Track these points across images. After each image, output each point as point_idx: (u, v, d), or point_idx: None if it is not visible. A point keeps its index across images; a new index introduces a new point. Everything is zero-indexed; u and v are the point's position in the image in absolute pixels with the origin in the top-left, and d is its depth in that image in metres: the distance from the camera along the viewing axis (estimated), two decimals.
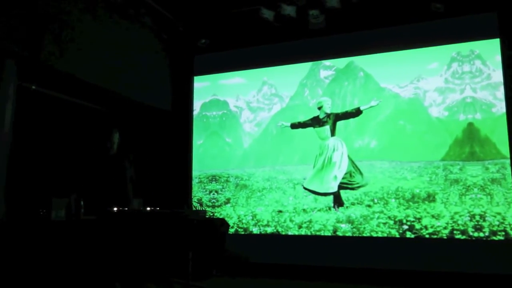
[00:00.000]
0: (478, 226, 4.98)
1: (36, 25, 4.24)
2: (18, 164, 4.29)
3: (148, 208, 4.43)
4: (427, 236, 5.15)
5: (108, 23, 5.26)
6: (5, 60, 4.13)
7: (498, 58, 5.19)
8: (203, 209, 6.16)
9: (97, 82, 5.13)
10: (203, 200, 6.40)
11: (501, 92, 5.14)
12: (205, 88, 6.69)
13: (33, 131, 4.80)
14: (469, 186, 5.12)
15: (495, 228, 4.91)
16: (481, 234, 4.95)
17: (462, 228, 5.03)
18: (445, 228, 5.09)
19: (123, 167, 4.64)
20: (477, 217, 5.00)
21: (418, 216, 5.23)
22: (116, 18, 5.35)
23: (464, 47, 5.39)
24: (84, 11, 4.91)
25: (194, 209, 6.14)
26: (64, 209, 3.65)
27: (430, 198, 5.23)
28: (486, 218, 4.97)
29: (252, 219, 6.03)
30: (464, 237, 5.01)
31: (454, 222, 5.08)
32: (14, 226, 3.72)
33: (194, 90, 6.72)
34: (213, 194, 6.37)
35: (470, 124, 5.24)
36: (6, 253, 3.48)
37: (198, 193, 6.45)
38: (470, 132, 5.22)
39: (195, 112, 6.69)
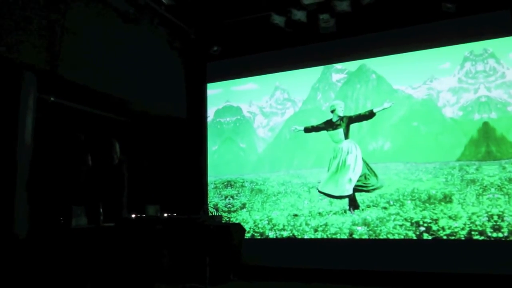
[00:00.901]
0: (496, 226, 4.92)
1: (54, 39, 4.37)
2: (38, 174, 4.41)
3: (166, 214, 4.51)
4: (444, 237, 5.10)
5: (123, 34, 5.38)
6: (25, 73, 4.26)
7: None
8: (219, 214, 6.22)
9: (112, 92, 5.24)
10: (219, 205, 6.46)
11: None
12: (219, 95, 6.77)
13: (52, 141, 4.93)
14: (486, 186, 5.06)
15: None
16: (500, 235, 4.89)
17: (480, 228, 4.98)
18: (462, 229, 5.05)
19: (123, 175, 4.75)
20: (495, 217, 4.94)
21: (435, 217, 5.19)
22: (130, 29, 5.47)
23: (477, 46, 5.35)
24: (99, 24, 5.03)
25: (210, 214, 6.21)
26: (84, 217, 3.74)
27: (447, 199, 5.19)
28: (505, 218, 4.90)
29: (268, 224, 6.06)
30: (482, 237, 4.96)
31: (471, 222, 5.03)
32: (37, 238, 3.83)
33: (208, 97, 6.80)
34: (229, 199, 6.43)
35: (486, 124, 5.19)
36: (32, 263, 3.58)
37: (214, 199, 6.51)
38: (486, 132, 5.18)
39: (209, 119, 6.77)
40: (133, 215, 4.23)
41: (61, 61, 4.48)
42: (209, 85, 6.81)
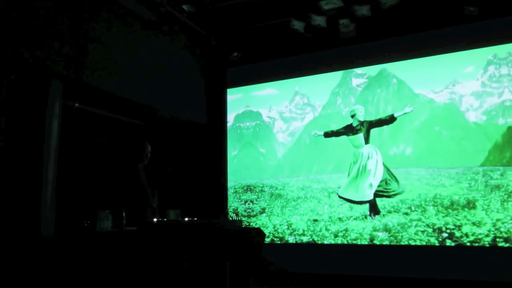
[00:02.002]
0: None
1: (79, 47, 4.50)
2: (64, 178, 4.53)
3: (186, 219, 4.55)
4: (468, 244, 5.01)
5: (144, 41, 5.49)
6: (51, 80, 4.39)
7: None
8: (239, 219, 6.25)
9: (135, 99, 5.34)
10: (238, 210, 6.49)
11: None
12: (238, 100, 6.82)
13: (77, 146, 5.05)
14: (511, 192, 4.96)
15: None
16: None
17: (505, 235, 4.87)
18: (487, 235, 4.95)
19: (156, 177, 4.82)
20: None
21: (458, 223, 5.10)
22: (151, 36, 5.57)
23: (501, 49, 5.26)
24: (122, 31, 5.15)
25: (230, 219, 6.23)
26: (107, 221, 3.81)
27: (470, 205, 5.10)
28: None
29: (288, 228, 6.06)
30: (507, 244, 4.85)
31: (496, 229, 4.92)
32: (62, 240, 3.93)
33: (228, 102, 6.87)
34: (248, 204, 6.45)
35: (510, 128, 5.09)
36: (57, 264, 3.68)
37: (234, 203, 6.55)
38: (511, 136, 5.07)
39: (229, 124, 6.83)
40: (155, 219, 4.29)
41: (86, 68, 4.60)
42: (229, 90, 6.87)
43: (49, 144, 4.34)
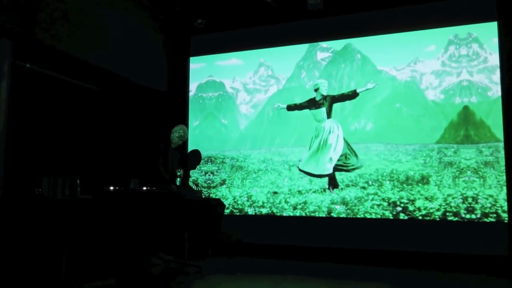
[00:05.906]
0: (470, 208, 5.05)
1: (30, 2, 4.17)
2: (14, 143, 4.27)
3: (145, 188, 4.45)
4: (420, 217, 5.22)
5: (105, 2, 5.19)
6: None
7: (495, 41, 5.20)
8: (199, 189, 6.20)
9: (92, 61, 5.08)
10: (198, 181, 6.42)
11: (497, 76, 5.16)
12: (201, 69, 6.65)
13: (28, 109, 4.76)
14: (462, 169, 5.17)
15: (487, 210, 4.99)
16: (473, 216, 5.03)
17: (454, 210, 5.11)
18: (438, 210, 5.17)
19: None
20: (470, 200, 5.07)
21: (411, 198, 5.29)
22: None
23: (461, 30, 5.38)
24: None
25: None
26: (60, 188, 3.65)
27: (424, 180, 5.29)
28: (479, 201, 5.03)
29: (248, 200, 6.08)
30: (456, 219, 5.09)
31: (447, 204, 5.15)
32: (10, 205, 3.73)
33: (190, 71, 6.68)
34: (209, 175, 6.40)
35: (466, 108, 5.26)
36: (4, 233, 3.50)
37: (194, 174, 6.47)
38: (466, 116, 5.26)
39: (191, 93, 6.67)
40: (111, 188, 4.15)
41: (38, 26, 4.29)
42: (192, 59, 6.68)
43: None
